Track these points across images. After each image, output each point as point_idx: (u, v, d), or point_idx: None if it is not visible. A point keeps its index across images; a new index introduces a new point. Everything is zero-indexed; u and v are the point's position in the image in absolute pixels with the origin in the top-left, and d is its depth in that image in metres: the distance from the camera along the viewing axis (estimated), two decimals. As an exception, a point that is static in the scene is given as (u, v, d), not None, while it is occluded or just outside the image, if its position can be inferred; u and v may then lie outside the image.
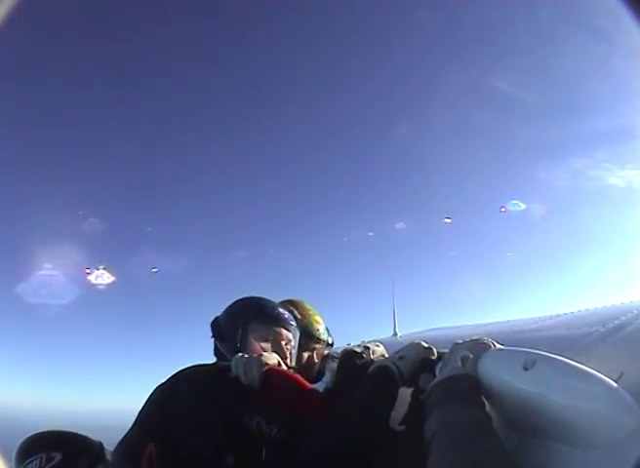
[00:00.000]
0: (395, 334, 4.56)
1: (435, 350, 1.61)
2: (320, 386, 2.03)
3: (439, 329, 3.49)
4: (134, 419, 1.68)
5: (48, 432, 1.86)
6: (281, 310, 1.94)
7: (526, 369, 1.18)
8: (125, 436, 1.66)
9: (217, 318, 1.94)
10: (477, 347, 1.40)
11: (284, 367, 1.73)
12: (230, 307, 1.94)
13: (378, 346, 1.89)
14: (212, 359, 1.90)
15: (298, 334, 1.94)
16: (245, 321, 1.84)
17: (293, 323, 1.92)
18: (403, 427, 1.54)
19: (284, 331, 1.88)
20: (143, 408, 1.68)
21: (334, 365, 2.00)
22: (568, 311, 2.25)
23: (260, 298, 1.95)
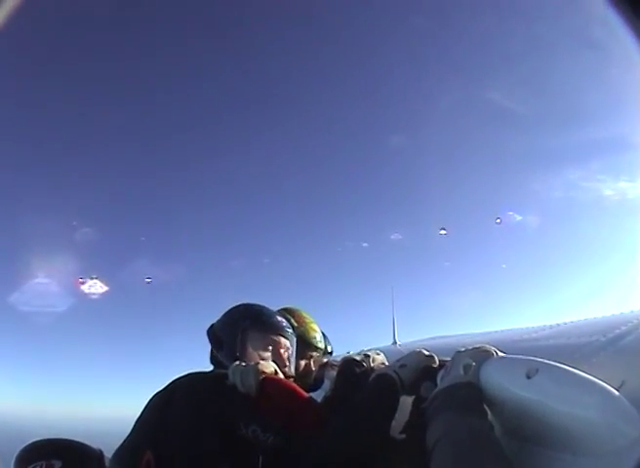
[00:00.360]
0: (395, 343, 4.53)
1: (437, 358, 1.61)
2: (319, 394, 2.02)
3: (439, 337, 3.48)
4: (131, 426, 1.67)
5: (47, 440, 1.85)
6: (279, 318, 1.93)
7: (529, 377, 1.17)
8: (122, 443, 1.65)
9: (212, 325, 1.92)
10: (480, 355, 1.39)
11: (281, 375, 1.72)
12: (227, 315, 1.93)
13: (378, 354, 1.89)
14: (208, 366, 1.89)
15: (295, 342, 1.94)
16: (243, 329, 1.83)
17: (290, 330, 1.92)
18: (404, 436, 1.53)
19: (282, 340, 1.87)
20: (141, 415, 1.67)
21: (333, 373, 1.99)
22: (568, 321, 2.25)
23: (257, 306, 1.94)
